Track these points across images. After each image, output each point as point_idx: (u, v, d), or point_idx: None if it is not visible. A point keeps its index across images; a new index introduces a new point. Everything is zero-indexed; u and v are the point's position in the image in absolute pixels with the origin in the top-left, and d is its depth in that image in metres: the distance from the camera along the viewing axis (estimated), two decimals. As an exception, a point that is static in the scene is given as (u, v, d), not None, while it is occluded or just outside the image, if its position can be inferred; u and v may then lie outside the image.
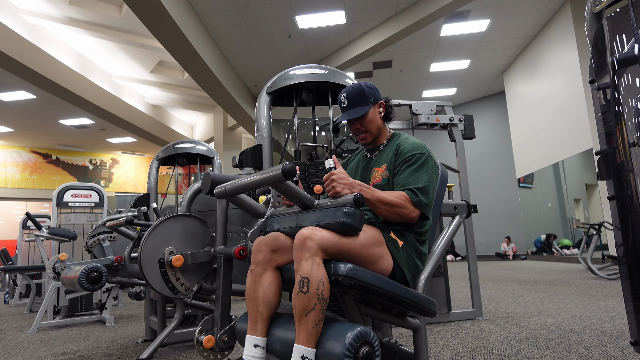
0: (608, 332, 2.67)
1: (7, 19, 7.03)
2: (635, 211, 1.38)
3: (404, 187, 1.49)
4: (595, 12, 1.61)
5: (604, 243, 7.73)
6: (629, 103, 1.41)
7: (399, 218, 1.47)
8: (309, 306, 1.22)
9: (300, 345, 1.21)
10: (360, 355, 1.13)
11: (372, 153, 1.72)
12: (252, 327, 1.40)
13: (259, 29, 8.18)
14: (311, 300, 1.22)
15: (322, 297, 1.23)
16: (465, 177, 3.64)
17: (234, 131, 12.50)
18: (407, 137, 1.66)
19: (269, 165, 2.19)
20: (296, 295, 1.25)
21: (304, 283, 1.24)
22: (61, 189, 5.17)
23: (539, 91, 9.85)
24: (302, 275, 1.25)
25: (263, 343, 1.37)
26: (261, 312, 1.40)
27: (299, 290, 1.24)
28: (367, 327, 1.19)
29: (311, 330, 1.21)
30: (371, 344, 1.17)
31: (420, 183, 1.49)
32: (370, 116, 1.65)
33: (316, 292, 1.23)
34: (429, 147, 1.62)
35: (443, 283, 3.46)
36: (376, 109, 1.67)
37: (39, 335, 3.68)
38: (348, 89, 1.67)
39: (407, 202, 1.45)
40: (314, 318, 1.22)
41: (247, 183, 1.39)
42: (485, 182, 12.29)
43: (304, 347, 1.21)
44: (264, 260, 1.44)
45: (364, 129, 1.66)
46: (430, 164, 1.55)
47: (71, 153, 15.21)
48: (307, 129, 3.03)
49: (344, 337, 1.14)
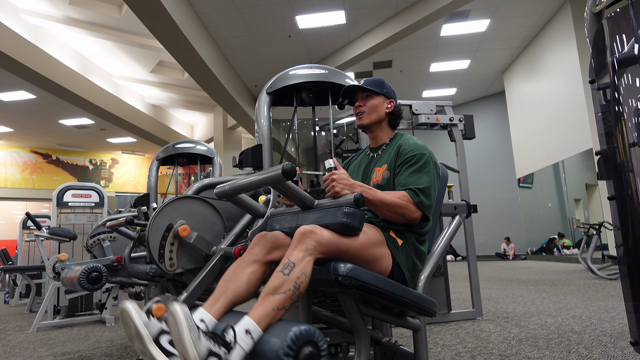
0: (608, 332, 2.67)
1: (7, 19, 7.03)
2: (635, 211, 1.38)
3: (405, 187, 1.49)
4: (595, 12, 1.61)
5: (604, 243, 7.72)
6: (629, 103, 1.41)
7: (401, 219, 1.46)
8: (281, 288, 1.17)
9: (252, 319, 1.13)
10: (301, 356, 1.05)
11: (374, 152, 1.73)
12: (210, 304, 1.28)
13: (259, 29, 8.18)
14: (287, 284, 1.18)
15: (297, 288, 1.19)
16: (465, 177, 3.64)
17: (234, 131, 12.50)
18: (409, 138, 1.66)
19: (269, 165, 2.20)
20: (274, 274, 1.21)
21: (288, 266, 1.20)
22: (61, 189, 5.17)
23: (539, 91, 9.85)
24: (290, 259, 1.22)
25: (211, 324, 1.23)
26: (227, 294, 1.31)
27: (280, 270, 1.20)
28: (313, 327, 1.10)
29: (270, 311, 1.15)
30: (316, 344, 1.08)
31: (421, 184, 1.48)
32: (376, 102, 1.70)
33: (295, 280, 1.19)
34: (430, 148, 1.62)
35: (443, 283, 3.46)
36: (385, 102, 1.71)
37: (39, 335, 3.68)
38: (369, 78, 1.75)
39: (409, 202, 1.45)
40: (280, 302, 1.16)
41: (247, 183, 1.39)
42: (485, 182, 12.28)
43: (254, 323, 1.13)
44: (259, 253, 1.40)
45: (365, 109, 1.69)
46: (431, 165, 1.55)
47: (71, 153, 15.21)
48: (307, 129, 3.03)
49: (286, 333, 1.06)
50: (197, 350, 1.04)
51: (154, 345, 1.11)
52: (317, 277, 1.29)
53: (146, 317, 1.14)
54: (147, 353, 1.10)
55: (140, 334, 1.10)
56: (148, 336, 1.11)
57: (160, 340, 1.13)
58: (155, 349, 1.11)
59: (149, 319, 1.14)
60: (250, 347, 1.10)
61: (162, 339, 1.13)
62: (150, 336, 1.11)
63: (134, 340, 1.13)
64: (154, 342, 1.11)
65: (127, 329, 1.14)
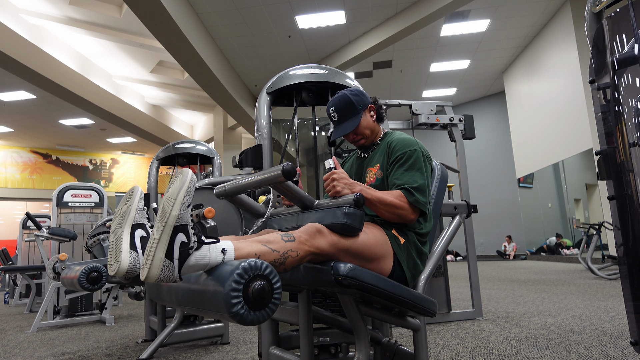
0: (608, 332, 2.67)
1: (7, 19, 7.03)
2: (635, 211, 1.38)
3: (399, 187, 1.49)
4: (595, 12, 1.61)
5: (604, 243, 7.72)
6: (629, 103, 1.41)
7: (398, 219, 1.47)
8: (272, 244, 1.15)
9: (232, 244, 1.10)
10: (251, 290, 0.95)
11: (366, 152, 1.73)
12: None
13: (259, 29, 8.18)
14: (278, 245, 1.16)
15: (284, 257, 1.15)
16: (465, 177, 3.65)
17: (234, 131, 12.50)
18: (397, 135, 1.65)
19: (269, 165, 2.19)
20: (274, 233, 1.20)
21: (290, 236, 1.19)
22: (61, 189, 5.17)
23: (539, 91, 9.85)
24: (294, 234, 1.20)
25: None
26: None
27: (280, 234, 1.19)
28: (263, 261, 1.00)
29: (250, 252, 1.10)
30: (266, 277, 0.98)
31: (415, 182, 1.48)
32: (364, 123, 1.65)
33: (287, 250, 1.16)
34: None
35: (443, 283, 3.46)
36: (367, 114, 1.67)
37: (39, 335, 3.68)
38: (335, 101, 1.65)
39: (405, 202, 1.45)
40: (262, 252, 1.12)
41: (247, 183, 1.39)
42: (485, 182, 12.29)
43: (233, 248, 1.08)
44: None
45: (360, 136, 1.67)
46: (421, 159, 1.54)
47: (71, 153, 15.21)
48: (307, 129, 3.03)
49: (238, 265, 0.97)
50: (180, 212, 1.03)
51: (129, 229, 1.16)
52: (317, 277, 1.29)
53: (142, 206, 1.21)
54: (118, 232, 1.16)
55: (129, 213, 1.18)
56: (132, 219, 1.16)
57: (136, 231, 1.18)
58: (128, 233, 1.16)
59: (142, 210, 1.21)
60: (215, 261, 1.05)
61: (139, 230, 1.18)
62: (133, 221, 1.17)
63: (117, 217, 1.20)
64: (131, 227, 1.17)
65: (121, 204, 1.22)
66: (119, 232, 1.13)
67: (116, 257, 1.12)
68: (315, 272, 1.28)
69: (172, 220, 1.02)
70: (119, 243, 1.12)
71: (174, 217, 1.02)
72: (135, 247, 1.14)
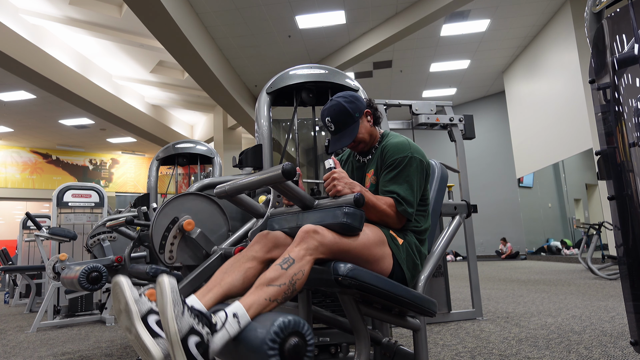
0: (608, 332, 2.67)
1: (7, 19, 7.03)
2: (635, 211, 1.38)
3: (388, 194, 1.50)
4: (595, 12, 1.61)
5: (604, 243, 7.72)
6: (629, 103, 1.41)
7: (383, 224, 1.49)
8: (276, 280, 1.15)
9: (242, 305, 1.10)
10: (286, 347, 1.01)
11: (365, 157, 1.71)
12: (202, 292, 1.26)
13: (259, 29, 8.18)
14: (283, 277, 1.16)
15: (293, 284, 1.17)
16: (465, 177, 3.65)
17: (234, 131, 12.50)
18: (392, 139, 1.63)
19: (269, 165, 2.20)
20: (272, 266, 1.19)
21: (288, 261, 1.19)
22: (61, 189, 5.17)
23: (539, 91, 9.85)
24: (291, 255, 1.21)
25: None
26: (222, 285, 1.28)
27: (278, 264, 1.19)
28: (299, 318, 1.06)
29: (262, 301, 1.12)
30: (302, 335, 1.04)
31: (402, 191, 1.49)
32: (362, 130, 1.63)
33: (292, 276, 1.17)
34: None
35: (443, 283, 3.46)
36: (364, 120, 1.65)
37: (39, 335, 3.68)
38: (330, 110, 1.61)
39: (394, 212, 1.48)
40: (273, 293, 1.14)
41: (247, 183, 1.39)
42: (485, 182, 12.28)
43: (243, 309, 1.09)
44: (260, 251, 1.40)
45: (359, 143, 1.65)
46: (413, 165, 1.53)
47: (71, 153, 15.20)
48: (307, 129, 3.03)
49: (272, 322, 1.02)
50: (178, 325, 1.01)
51: (140, 322, 1.09)
52: (317, 277, 1.29)
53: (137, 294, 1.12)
54: (133, 330, 1.08)
55: (130, 309, 1.08)
56: (137, 313, 1.09)
57: (148, 319, 1.11)
58: (142, 326, 1.08)
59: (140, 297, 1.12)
60: (235, 332, 1.07)
61: (150, 318, 1.11)
62: (139, 313, 1.09)
63: (121, 315, 1.11)
64: (141, 320, 1.09)
65: (116, 304, 1.12)
66: (134, 331, 1.08)
67: (146, 354, 1.08)
68: (315, 272, 1.28)
69: (176, 337, 1.01)
70: (141, 340, 1.07)
71: (175, 333, 1.01)
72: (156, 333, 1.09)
